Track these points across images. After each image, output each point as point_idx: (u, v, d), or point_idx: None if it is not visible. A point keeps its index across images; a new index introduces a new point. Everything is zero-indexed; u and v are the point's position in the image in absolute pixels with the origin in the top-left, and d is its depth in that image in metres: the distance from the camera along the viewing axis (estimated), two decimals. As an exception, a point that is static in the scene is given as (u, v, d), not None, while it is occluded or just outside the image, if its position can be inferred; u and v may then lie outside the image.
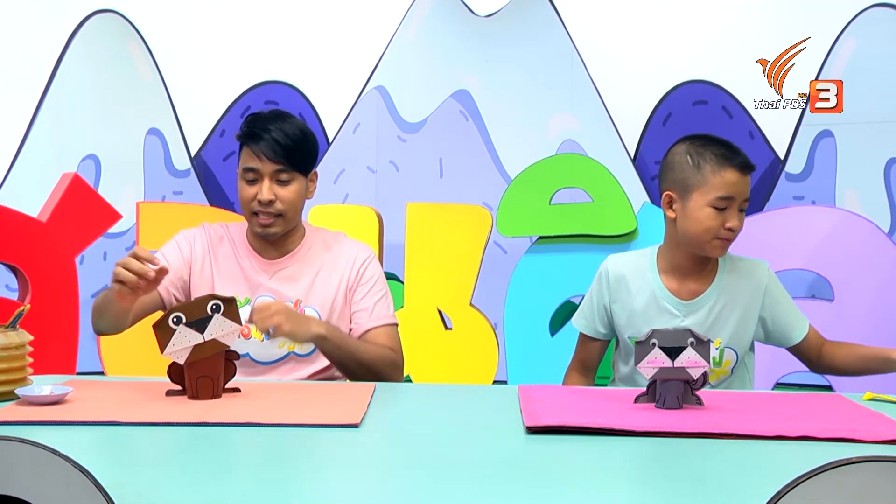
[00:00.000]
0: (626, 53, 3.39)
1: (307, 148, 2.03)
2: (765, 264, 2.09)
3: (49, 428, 1.41)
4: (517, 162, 3.25)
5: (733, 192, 1.97)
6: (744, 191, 1.99)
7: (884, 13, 3.21)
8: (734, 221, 1.97)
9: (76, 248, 3.00)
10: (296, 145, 1.99)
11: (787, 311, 2.05)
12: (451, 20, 3.51)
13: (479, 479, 1.17)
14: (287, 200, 1.99)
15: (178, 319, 1.63)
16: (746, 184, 2.00)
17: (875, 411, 1.56)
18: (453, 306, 3.07)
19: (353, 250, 2.12)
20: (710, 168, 1.99)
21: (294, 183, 1.99)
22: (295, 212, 2.03)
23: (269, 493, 1.11)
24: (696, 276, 2.04)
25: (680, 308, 2.02)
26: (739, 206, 1.99)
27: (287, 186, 1.98)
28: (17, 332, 1.67)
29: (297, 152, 1.99)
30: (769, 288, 2.02)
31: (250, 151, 1.99)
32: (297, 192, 2.00)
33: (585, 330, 2.17)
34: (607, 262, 2.15)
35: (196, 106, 3.64)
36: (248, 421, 1.44)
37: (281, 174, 1.98)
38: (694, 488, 1.15)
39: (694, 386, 1.57)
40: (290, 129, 1.98)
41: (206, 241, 2.12)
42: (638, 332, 2.06)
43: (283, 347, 2.06)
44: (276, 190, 1.97)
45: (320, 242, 2.13)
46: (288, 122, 2.01)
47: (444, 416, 1.60)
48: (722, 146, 2.02)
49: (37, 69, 3.66)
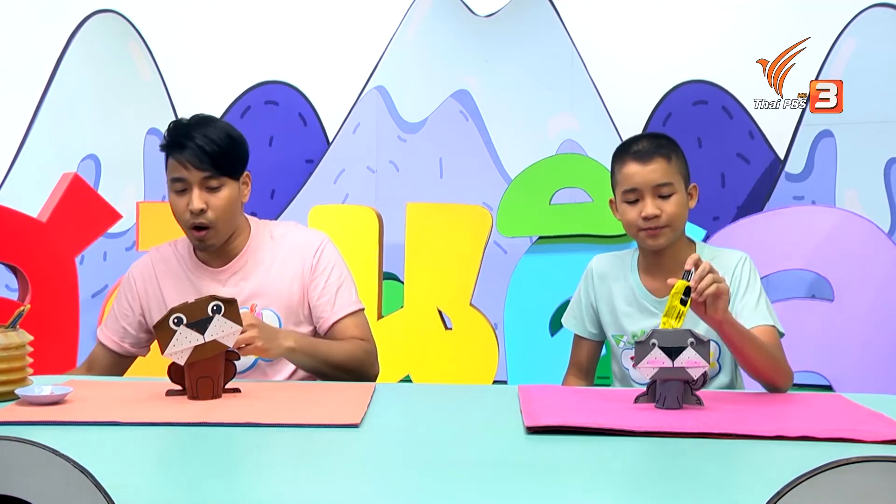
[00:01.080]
0: (626, 53, 3.39)
1: (235, 151, 1.94)
2: (740, 254, 2.03)
3: (49, 428, 1.41)
4: (517, 162, 3.25)
5: (635, 183, 1.97)
6: (649, 178, 1.96)
7: (884, 13, 3.21)
8: (649, 209, 1.95)
9: (76, 248, 3.00)
10: (222, 150, 1.90)
11: (744, 299, 1.97)
12: (451, 20, 3.51)
13: (479, 479, 1.17)
14: (218, 208, 1.91)
15: (178, 320, 1.63)
16: (653, 171, 1.96)
17: (875, 411, 1.56)
18: (453, 306, 3.07)
19: (302, 241, 2.03)
20: (616, 166, 2.03)
21: (225, 189, 1.91)
22: (228, 219, 1.95)
23: (269, 493, 1.11)
24: (668, 272, 2.02)
25: (657, 306, 2.02)
26: (657, 193, 1.96)
27: (217, 193, 1.91)
28: (17, 332, 1.67)
29: (223, 157, 1.91)
30: (736, 273, 1.98)
31: (175, 161, 1.92)
32: (229, 198, 1.92)
33: (575, 329, 2.19)
34: (592, 262, 2.18)
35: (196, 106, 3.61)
36: (248, 421, 1.44)
37: (210, 181, 1.90)
38: (694, 488, 1.15)
39: (694, 386, 1.57)
40: (215, 134, 1.90)
41: (149, 269, 2.06)
42: (621, 330, 2.07)
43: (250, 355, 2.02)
44: (207, 198, 1.90)
45: (267, 238, 2.04)
46: (212, 126, 1.92)
47: (444, 416, 1.60)
48: (628, 142, 2.04)
49: (37, 69, 3.67)
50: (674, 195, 1.97)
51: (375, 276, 3.05)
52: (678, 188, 1.98)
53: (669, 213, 1.96)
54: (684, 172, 2.02)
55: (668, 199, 1.97)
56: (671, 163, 1.98)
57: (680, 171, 2.00)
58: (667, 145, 2.01)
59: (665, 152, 1.99)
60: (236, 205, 1.96)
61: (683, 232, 2.05)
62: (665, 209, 1.96)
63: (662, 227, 1.97)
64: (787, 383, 1.84)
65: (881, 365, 2.77)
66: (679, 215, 1.98)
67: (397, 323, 3.06)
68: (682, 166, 2.01)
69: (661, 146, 1.99)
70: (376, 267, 3.06)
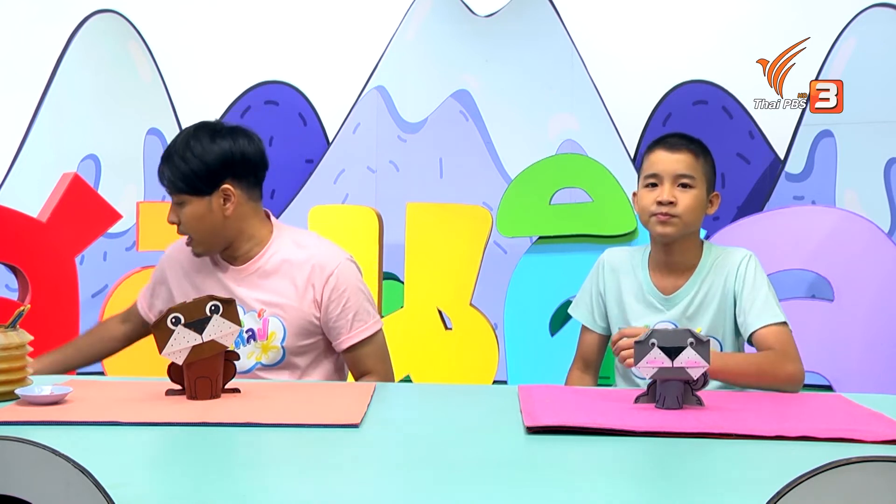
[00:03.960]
0: (626, 53, 3.39)
1: (189, 173, 1.99)
2: (743, 253, 2.04)
3: (49, 428, 1.41)
4: (517, 162, 3.25)
5: (658, 170, 2.01)
6: (673, 167, 1.99)
7: (884, 13, 3.21)
8: (665, 194, 1.98)
9: (76, 248, 3.00)
10: (180, 172, 2.00)
11: (750, 297, 1.97)
12: (451, 20, 3.51)
13: (479, 479, 1.17)
14: (185, 223, 2.02)
15: (176, 320, 1.63)
16: (678, 161, 2.00)
17: (875, 411, 1.56)
18: (453, 306, 3.07)
19: (322, 261, 2.05)
20: (645, 155, 2.08)
21: (187, 205, 2.00)
22: (204, 231, 2.02)
23: (269, 493, 1.11)
24: (677, 270, 2.05)
25: (664, 303, 2.04)
26: (677, 182, 1.99)
27: (182, 209, 2.02)
28: (17, 332, 1.67)
29: (182, 178, 2.00)
30: (740, 270, 2.00)
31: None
32: (192, 213, 2.00)
33: (583, 319, 2.19)
34: (605, 254, 2.19)
35: (196, 106, 3.64)
36: (248, 421, 1.44)
37: (176, 198, 2.03)
38: (694, 488, 1.15)
39: (694, 386, 1.57)
40: (176, 163, 2.00)
41: (172, 260, 2.17)
42: (627, 325, 2.07)
43: (252, 358, 2.04)
44: (177, 212, 2.03)
45: (290, 245, 2.08)
46: (176, 155, 2.00)
47: (444, 416, 1.60)
48: (663, 135, 2.09)
49: (37, 69, 3.67)
50: (693, 189, 2.00)
51: (375, 277, 3.05)
52: (699, 185, 2.01)
53: (685, 204, 1.98)
54: (710, 176, 2.06)
55: (686, 191, 1.99)
56: (698, 160, 2.03)
57: (705, 173, 2.04)
58: (699, 146, 2.06)
59: (695, 149, 2.04)
60: (205, 220, 2.01)
61: (696, 233, 2.06)
62: (681, 199, 1.98)
63: (674, 215, 1.98)
64: (793, 383, 1.84)
65: (881, 365, 2.77)
66: (693, 209, 1.99)
67: (397, 323, 3.06)
68: (708, 169, 2.05)
69: (692, 143, 2.05)
70: (376, 267, 3.06)
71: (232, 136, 2.02)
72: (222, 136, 2.01)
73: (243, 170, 2.02)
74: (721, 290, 2.02)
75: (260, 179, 2.08)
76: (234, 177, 2.01)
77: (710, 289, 2.03)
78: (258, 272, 2.05)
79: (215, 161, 1.99)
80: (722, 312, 2.02)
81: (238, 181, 2.01)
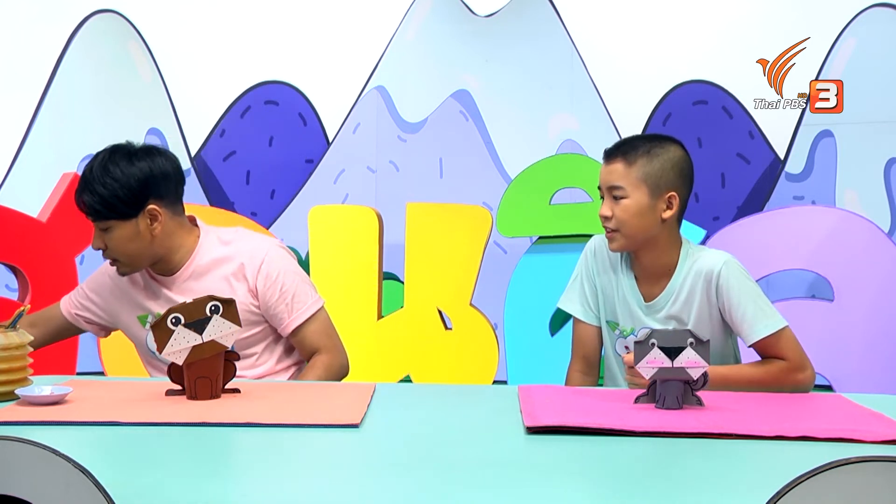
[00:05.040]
0: (626, 53, 3.39)
1: (112, 198, 1.99)
2: (719, 259, 1.93)
3: (49, 428, 1.41)
4: (517, 162, 3.25)
5: (600, 183, 1.98)
6: (605, 179, 1.95)
7: (884, 13, 3.21)
8: (601, 209, 1.95)
9: (76, 248, 3.00)
10: (97, 203, 2.00)
11: (739, 311, 1.89)
12: (451, 20, 3.51)
13: (479, 480, 1.17)
14: (112, 247, 2.02)
15: (176, 320, 1.63)
16: (610, 172, 1.94)
17: (875, 411, 1.56)
18: (453, 306, 3.07)
19: (246, 255, 2.08)
20: None
21: (114, 230, 2.00)
22: (131, 252, 2.03)
23: (269, 493, 1.11)
24: (654, 276, 1.98)
25: (644, 309, 1.99)
26: (611, 195, 1.94)
27: (109, 234, 2.02)
28: (17, 332, 1.67)
29: (102, 207, 2.00)
30: (721, 284, 1.90)
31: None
32: (120, 237, 2.00)
33: (575, 312, 2.10)
34: (593, 241, 2.11)
35: (196, 106, 3.64)
36: (248, 421, 1.44)
37: (102, 225, 2.03)
38: (694, 488, 1.15)
39: (694, 386, 1.57)
40: (98, 189, 1.99)
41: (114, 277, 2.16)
42: (613, 316, 2.03)
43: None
44: (104, 238, 2.03)
45: (216, 243, 2.11)
46: (96, 182, 1.99)
47: (444, 416, 1.60)
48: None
49: (37, 69, 3.67)
50: (625, 199, 1.91)
51: (375, 276, 3.05)
52: (632, 192, 1.91)
53: (617, 216, 1.92)
54: (655, 177, 1.91)
55: (617, 203, 1.92)
56: (631, 166, 1.91)
57: (645, 175, 1.91)
58: (639, 148, 1.93)
59: (629, 154, 1.92)
60: (134, 241, 2.01)
61: (662, 237, 1.95)
62: (615, 212, 1.93)
63: (614, 229, 1.93)
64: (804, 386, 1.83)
65: (881, 365, 2.77)
66: (627, 220, 1.91)
67: (397, 323, 3.06)
68: (652, 170, 1.91)
69: (632, 148, 1.94)
70: (376, 267, 3.06)
71: (149, 157, 2.02)
72: (139, 158, 2.01)
73: (165, 188, 2.03)
74: (701, 296, 1.94)
75: (180, 195, 2.09)
76: (157, 196, 2.01)
77: (690, 293, 1.95)
78: (192, 276, 2.07)
79: (137, 183, 2.00)
80: (704, 317, 1.94)
81: (161, 200, 2.02)
